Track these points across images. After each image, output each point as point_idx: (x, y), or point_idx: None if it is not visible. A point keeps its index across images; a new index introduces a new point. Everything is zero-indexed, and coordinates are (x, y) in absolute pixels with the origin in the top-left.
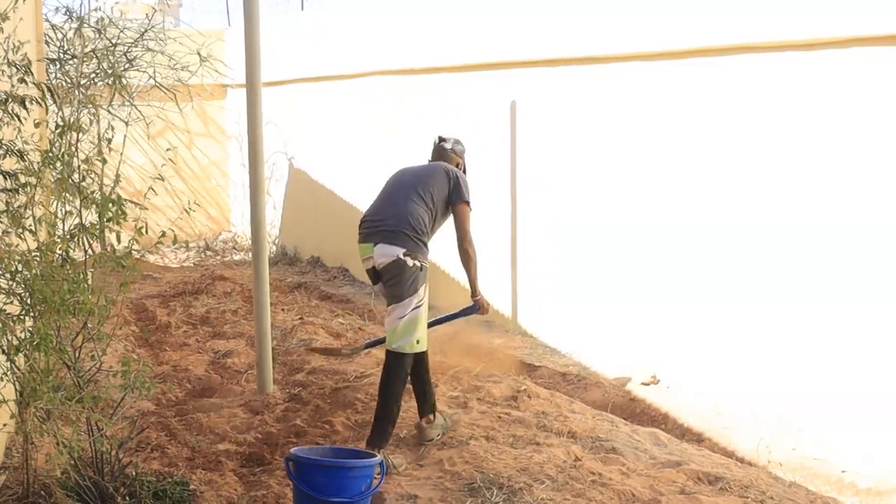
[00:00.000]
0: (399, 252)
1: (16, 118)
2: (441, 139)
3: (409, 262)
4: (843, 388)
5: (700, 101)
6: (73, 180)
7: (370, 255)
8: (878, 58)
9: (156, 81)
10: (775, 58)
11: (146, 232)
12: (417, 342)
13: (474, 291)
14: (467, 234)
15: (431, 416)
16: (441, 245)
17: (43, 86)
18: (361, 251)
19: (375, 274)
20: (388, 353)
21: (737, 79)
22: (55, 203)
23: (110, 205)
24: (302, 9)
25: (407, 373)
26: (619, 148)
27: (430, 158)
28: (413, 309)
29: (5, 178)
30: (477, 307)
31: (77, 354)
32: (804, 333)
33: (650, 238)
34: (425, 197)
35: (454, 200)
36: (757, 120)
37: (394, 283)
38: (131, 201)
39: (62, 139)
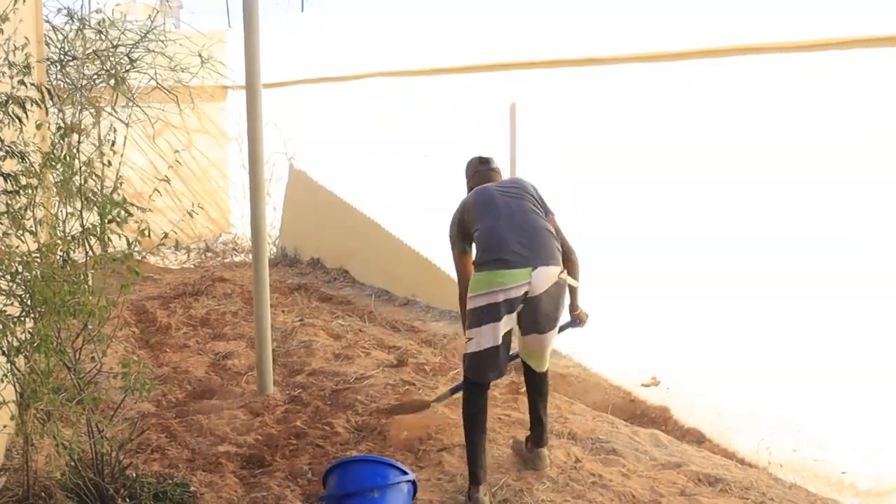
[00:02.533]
0: (558, 271)
1: (16, 120)
2: (484, 160)
3: (567, 280)
4: (843, 389)
5: (700, 102)
6: (74, 182)
7: (525, 281)
8: (879, 58)
9: (157, 83)
10: (776, 59)
11: (149, 234)
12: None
13: (575, 305)
14: (567, 242)
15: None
16: (434, 239)
17: (43, 87)
18: (508, 278)
19: (514, 303)
20: (543, 374)
21: (737, 80)
22: (56, 205)
23: (112, 206)
24: (302, 10)
25: None
26: (618, 149)
27: (475, 182)
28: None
29: (6, 180)
30: (578, 321)
31: (77, 356)
32: (804, 334)
33: (650, 239)
34: (540, 210)
35: (548, 211)
36: (757, 120)
37: (553, 306)
38: (133, 203)
39: (63, 141)
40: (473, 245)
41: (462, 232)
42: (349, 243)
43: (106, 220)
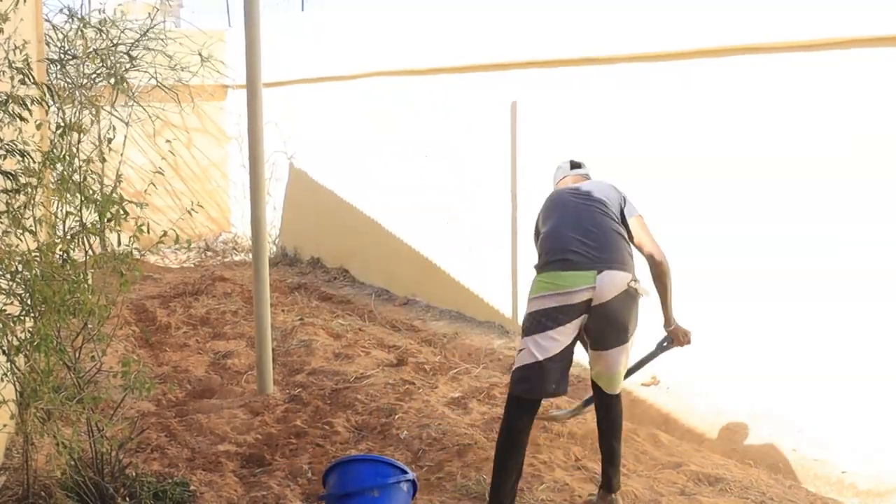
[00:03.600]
0: (628, 279)
1: (17, 118)
2: (575, 164)
3: (639, 290)
4: (843, 389)
5: (700, 102)
6: (73, 181)
7: (589, 286)
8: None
9: (158, 82)
10: (776, 59)
11: (147, 231)
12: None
13: (669, 320)
14: (654, 244)
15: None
16: (434, 238)
17: (43, 86)
18: (569, 280)
19: (576, 310)
20: (614, 398)
21: (737, 80)
22: (56, 203)
23: (110, 204)
24: (302, 9)
25: None
26: (618, 148)
27: (563, 182)
28: (632, 345)
29: (6, 179)
30: (670, 341)
31: (77, 355)
32: (805, 334)
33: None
34: (614, 214)
35: (630, 215)
36: (757, 120)
37: (624, 319)
38: (131, 201)
39: (63, 139)
40: None
41: (537, 238)
42: (349, 243)
43: (105, 219)
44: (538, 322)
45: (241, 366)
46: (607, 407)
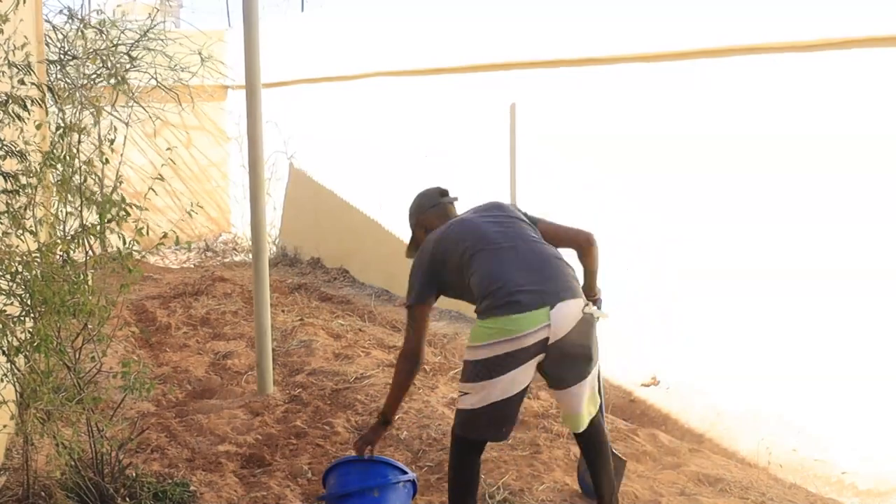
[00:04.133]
0: (581, 304)
1: (17, 119)
2: (444, 191)
3: (595, 313)
4: (843, 389)
5: (700, 102)
6: (74, 181)
7: (545, 324)
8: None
9: (158, 82)
10: (776, 59)
11: (147, 233)
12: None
13: (594, 289)
14: (576, 229)
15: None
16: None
17: (44, 87)
18: (524, 323)
19: (530, 352)
20: (592, 430)
21: (738, 80)
22: (56, 204)
23: (111, 205)
24: (302, 9)
25: None
26: (618, 149)
27: (434, 217)
28: (599, 375)
29: (6, 179)
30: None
31: (77, 356)
32: (804, 334)
33: (649, 237)
34: (539, 235)
35: (534, 220)
36: (758, 120)
37: (583, 349)
38: (132, 203)
39: (63, 140)
40: (455, 293)
41: (433, 277)
42: (349, 243)
43: (105, 220)
44: (489, 369)
45: (241, 366)
46: (588, 440)
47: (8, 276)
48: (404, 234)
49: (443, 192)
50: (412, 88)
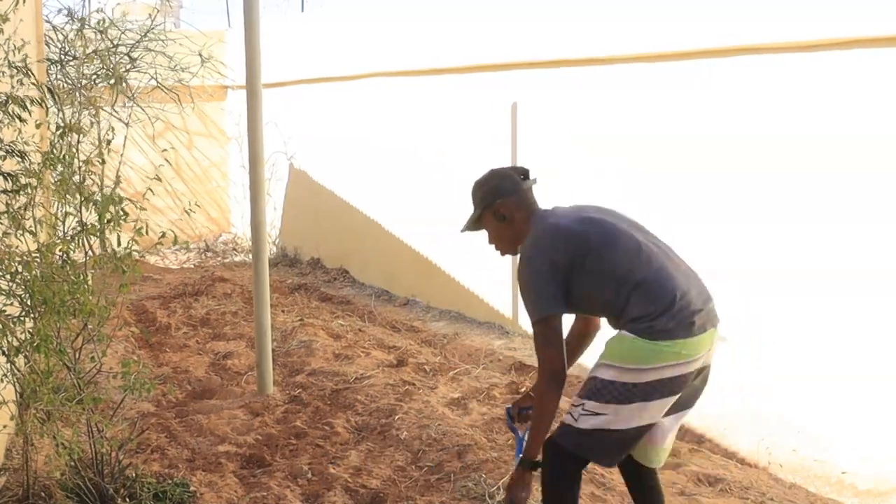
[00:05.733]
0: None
1: (16, 119)
2: (522, 171)
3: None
4: (843, 389)
5: (700, 102)
6: (73, 181)
7: (708, 350)
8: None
9: (158, 82)
10: (776, 59)
11: (146, 232)
12: None
13: None
14: None
15: None
16: (433, 239)
17: (43, 87)
18: (699, 347)
19: (688, 379)
20: (655, 473)
21: (738, 80)
22: (56, 204)
23: (110, 206)
24: (302, 10)
25: None
26: (619, 149)
27: (517, 203)
28: None
29: (6, 180)
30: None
31: (77, 356)
32: (805, 334)
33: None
34: None
35: None
36: (759, 120)
37: (706, 378)
38: (130, 199)
39: (63, 140)
40: (592, 301)
41: (562, 280)
42: (349, 243)
43: (105, 220)
44: (648, 391)
45: (241, 366)
46: (653, 485)
47: (8, 277)
48: (404, 234)
49: (523, 173)
50: (413, 89)
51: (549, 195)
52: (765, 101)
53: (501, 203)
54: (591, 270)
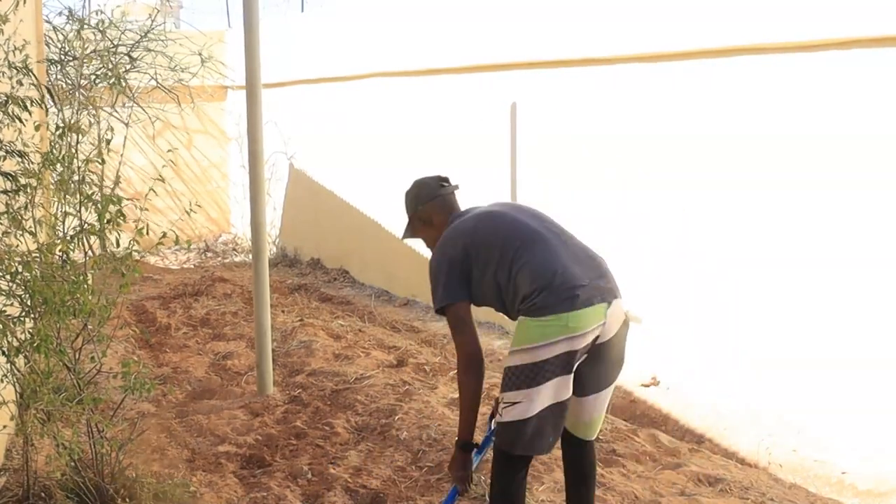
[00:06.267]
0: (624, 306)
1: (16, 120)
2: (444, 179)
3: (628, 316)
4: (843, 389)
5: (700, 102)
6: (73, 181)
7: (601, 322)
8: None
9: (158, 83)
10: (776, 59)
11: (147, 233)
12: None
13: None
14: None
15: None
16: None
17: (43, 87)
18: (586, 320)
19: (582, 354)
20: (590, 444)
21: (738, 80)
22: (55, 204)
23: (110, 206)
24: (302, 10)
25: None
26: (619, 149)
27: (438, 209)
28: None
29: (5, 180)
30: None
31: (77, 356)
32: (805, 334)
33: (650, 237)
34: None
35: None
36: (758, 119)
37: (620, 354)
38: (130, 199)
39: (62, 140)
40: (491, 290)
41: (463, 273)
42: (349, 243)
43: (105, 220)
44: (544, 371)
45: (241, 367)
46: (581, 460)
47: (8, 277)
48: None
49: (442, 181)
50: (412, 89)
51: (549, 194)
52: (764, 100)
53: (423, 209)
54: (486, 260)
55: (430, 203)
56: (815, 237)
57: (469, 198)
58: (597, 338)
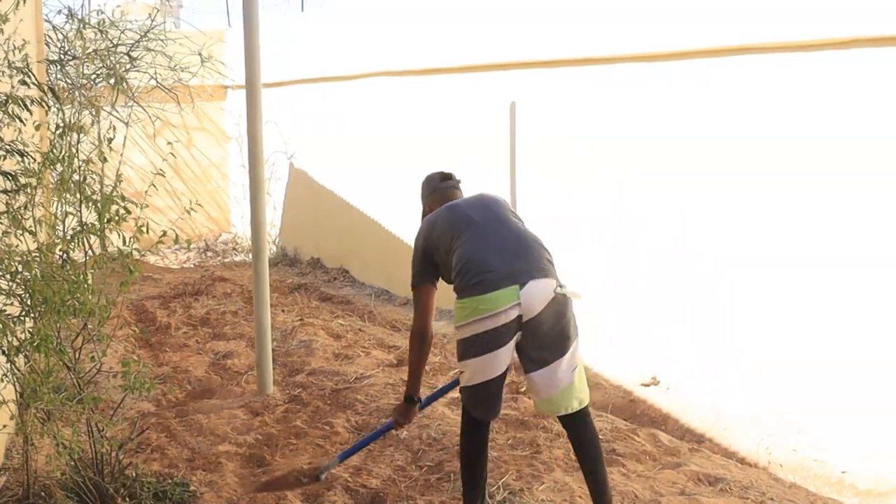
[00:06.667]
0: (553, 285)
1: (16, 119)
2: (446, 176)
3: (567, 293)
4: (843, 389)
5: (700, 102)
6: (73, 181)
7: (515, 303)
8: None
9: (157, 82)
10: (776, 59)
11: (147, 231)
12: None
13: None
14: None
15: None
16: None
17: (44, 86)
18: (494, 302)
19: (508, 330)
20: (580, 415)
21: (738, 80)
22: (55, 204)
23: (110, 203)
24: (302, 9)
25: None
26: (618, 148)
27: (435, 201)
28: (579, 357)
29: (6, 179)
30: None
31: (77, 355)
32: (805, 334)
33: (650, 238)
34: (521, 221)
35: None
36: (758, 119)
37: (559, 327)
38: (132, 201)
39: (63, 140)
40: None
41: (427, 260)
42: (349, 243)
43: (105, 220)
44: (475, 346)
45: (241, 366)
46: (577, 430)
47: (8, 276)
48: (404, 233)
49: (444, 177)
50: (412, 88)
51: (547, 194)
52: (763, 100)
53: (426, 201)
54: (443, 247)
55: (430, 196)
56: (815, 237)
57: (470, 195)
58: (520, 316)
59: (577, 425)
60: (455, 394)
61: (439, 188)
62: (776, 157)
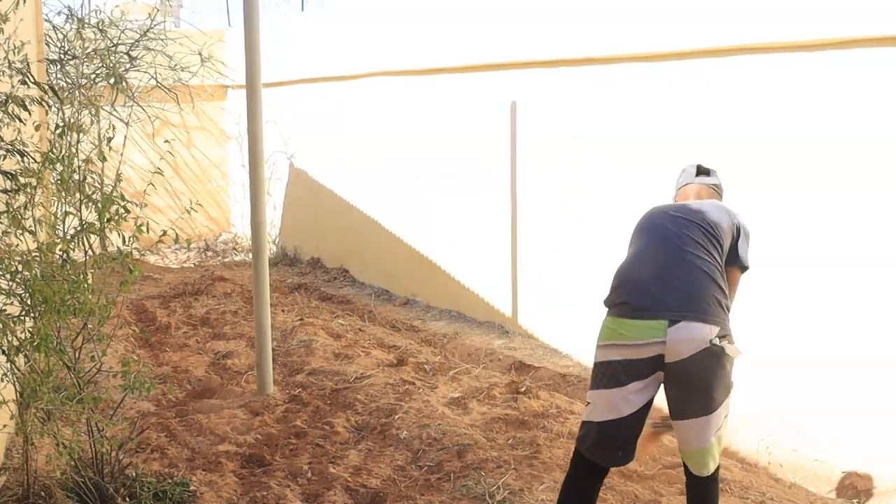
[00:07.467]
0: (711, 334)
1: (16, 119)
2: (703, 170)
3: (727, 349)
4: (843, 389)
5: (700, 102)
6: (73, 180)
7: (659, 340)
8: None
9: (157, 82)
10: (776, 59)
11: (147, 231)
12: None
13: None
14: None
15: None
16: (433, 238)
17: (44, 86)
18: (635, 330)
19: (640, 367)
20: (704, 480)
21: (738, 79)
22: (55, 203)
23: (110, 203)
24: (302, 9)
25: None
26: (618, 148)
27: (683, 192)
28: (726, 417)
29: (6, 179)
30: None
31: (77, 355)
32: (805, 334)
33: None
34: (716, 250)
35: (732, 263)
36: (759, 119)
37: (704, 382)
38: (131, 202)
39: (62, 140)
40: None
41: None
42: (349, 243)
43: (105, 219)
44: (598, 377)
45: (241, 366)
46: (696, 491)
47: (8, 276)
48: (404, 233)
49: (700, 171)
50: (412, 88)
51: (547, 193)
52: (763, 100)
53: (676, 193)
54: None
55: (680, 189)
56: (815, 237)
57: (469, 198)
58: (661, 356)
59: (694, 483)
60: (454, 393)
61: (692, 182)
62: (776, 157)
